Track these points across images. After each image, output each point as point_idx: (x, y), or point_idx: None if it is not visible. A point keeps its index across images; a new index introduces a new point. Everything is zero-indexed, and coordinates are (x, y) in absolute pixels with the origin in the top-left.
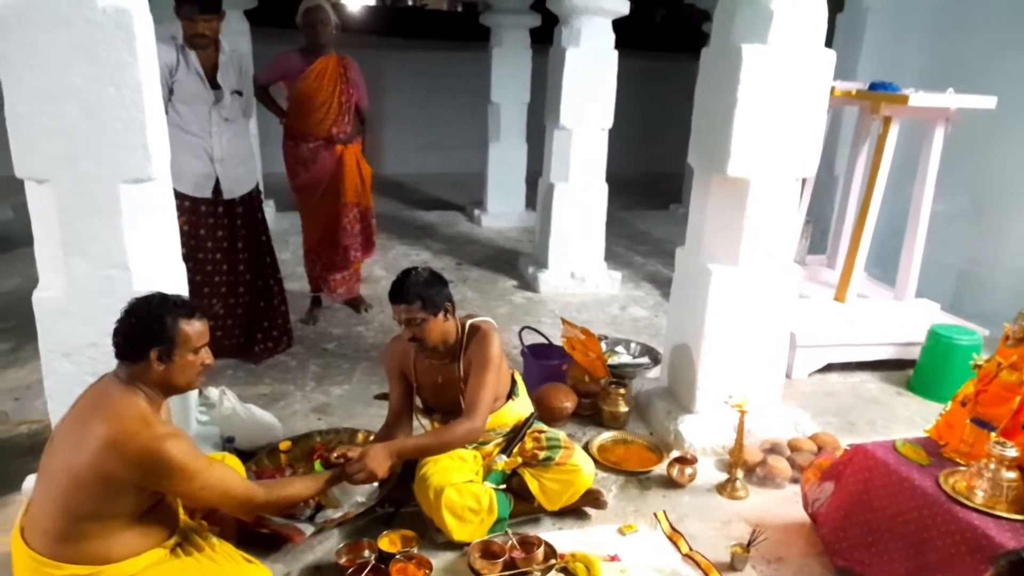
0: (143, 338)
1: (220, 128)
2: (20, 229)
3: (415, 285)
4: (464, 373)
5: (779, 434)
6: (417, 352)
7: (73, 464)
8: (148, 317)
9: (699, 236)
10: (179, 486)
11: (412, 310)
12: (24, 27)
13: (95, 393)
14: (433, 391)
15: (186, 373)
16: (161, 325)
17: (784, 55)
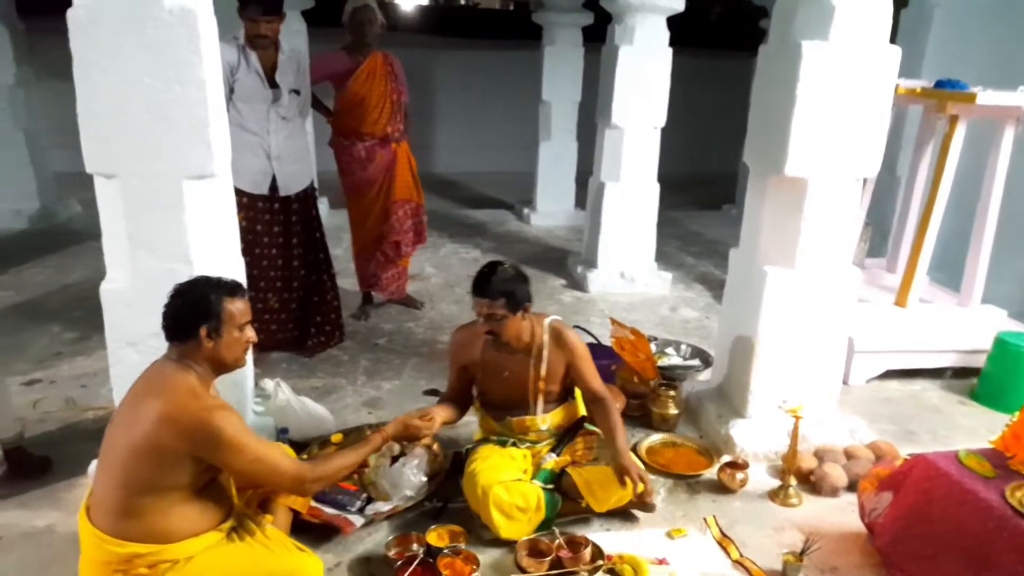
0: (192, 317)
1: (278, 126)
2: (87, 223)
3: (501, 281)
4: (547, 373)
5: (834, 441)
6: (486, 344)
7: (129, 439)
8: (195, 297)
9: (754, 237)
10: (229, 458)
11: (494, 306)
12: (96, 28)
13: (149, 374)
14: (499, 385)
15: (233, 349)
16: (208, 303)
17: (846, 52)
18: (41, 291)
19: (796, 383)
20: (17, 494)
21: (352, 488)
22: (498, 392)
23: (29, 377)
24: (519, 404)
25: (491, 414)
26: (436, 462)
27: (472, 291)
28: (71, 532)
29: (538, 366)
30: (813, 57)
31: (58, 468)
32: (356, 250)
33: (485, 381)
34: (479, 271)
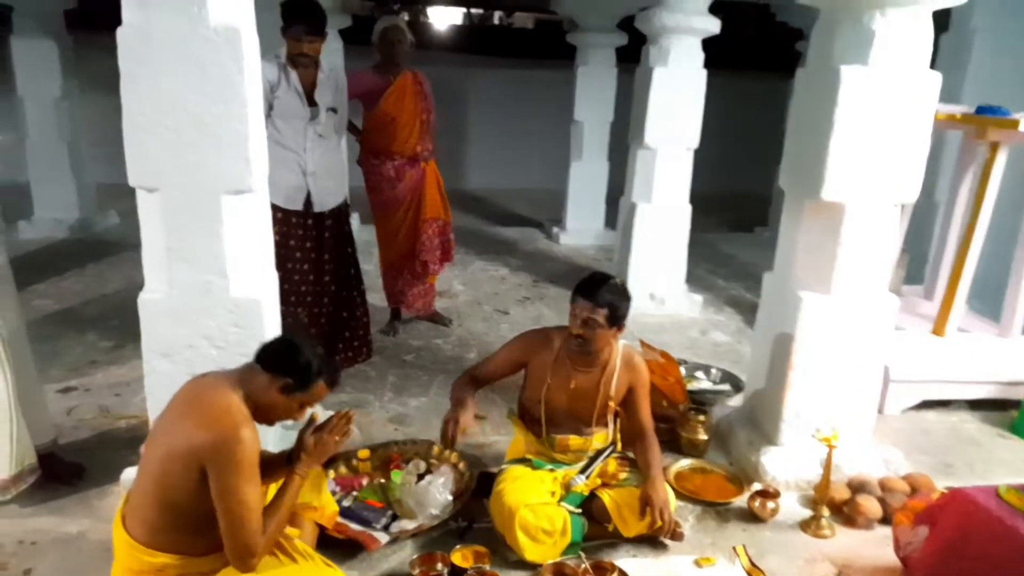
0: (290, 365)
1: (314, 143)
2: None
3: (610, 291)
4: (616, 392)
5: (869, 472)
6: (559, 355)
7: (166, 451)
8: (305, 356)
9: (789, 261)
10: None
11: (597, 312)
12: (143, 45)
13: (195, 389)
14: (562, 395)
15: (282, 414)
16: (308, 370)
17: (886, 77)
18: (78, 300)
19: (830, 411)
20: (51, 500)
21: (378, 505)
22: (560, 405)
23: (64, 384)
24: (577, 420)
25: (534, 429)
26: (462, 481)
27: (578, 293)
28: (103, 539)
29: (608, 385)
30: (852, 82)
31: (91, 475)
32: (384, 267)
33: (549, 389)
34: (589, 276)
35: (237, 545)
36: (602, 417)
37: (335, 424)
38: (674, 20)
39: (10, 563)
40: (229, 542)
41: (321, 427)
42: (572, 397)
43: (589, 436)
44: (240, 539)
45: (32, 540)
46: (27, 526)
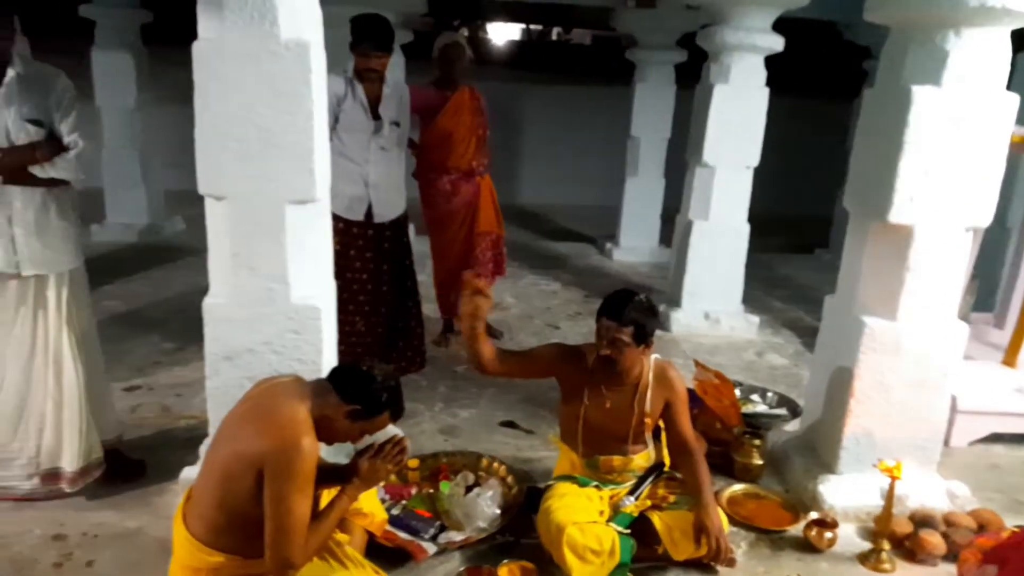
0: (364, 392)
1: (377, 156)
2: (190, 240)
3: (636, 310)
4: (651, 409)
5: (933, 505)
6: (592, 373)
7: (229, 455)
8: (379, 386)
9: (852, 285)
10: (278, 485)
11: (623, 332)
12: (217, 59)
13: (267, 395)
14: (598, 414)
15: (344, 436)
16: (380, 399)
17: (959, 98)
18: (145, 302)
19: (893, 441)
20: (113, 495)
21: (427, 515)
22: (597, 425)
23: (129, 383)
24: (615, 440)
25: (577, 451)
26: (510, 495)
27: (603, 313)
28: (160, 536)
29: (642, 402)
30: (924, 103)
31: (151, 472)
32: (437, 279)
33: (586, 412)
34: (614, 294)
35: (278, 555)
36: (640, 435)
37: (388, 452)
38: (737, 37)
39: (74, 554)
40: (271, 550)
41: (376, 453)
42: (608, 416)
43: (630, 455)
44: (282, 549)
45: (95, 533)
46: (91, 519)
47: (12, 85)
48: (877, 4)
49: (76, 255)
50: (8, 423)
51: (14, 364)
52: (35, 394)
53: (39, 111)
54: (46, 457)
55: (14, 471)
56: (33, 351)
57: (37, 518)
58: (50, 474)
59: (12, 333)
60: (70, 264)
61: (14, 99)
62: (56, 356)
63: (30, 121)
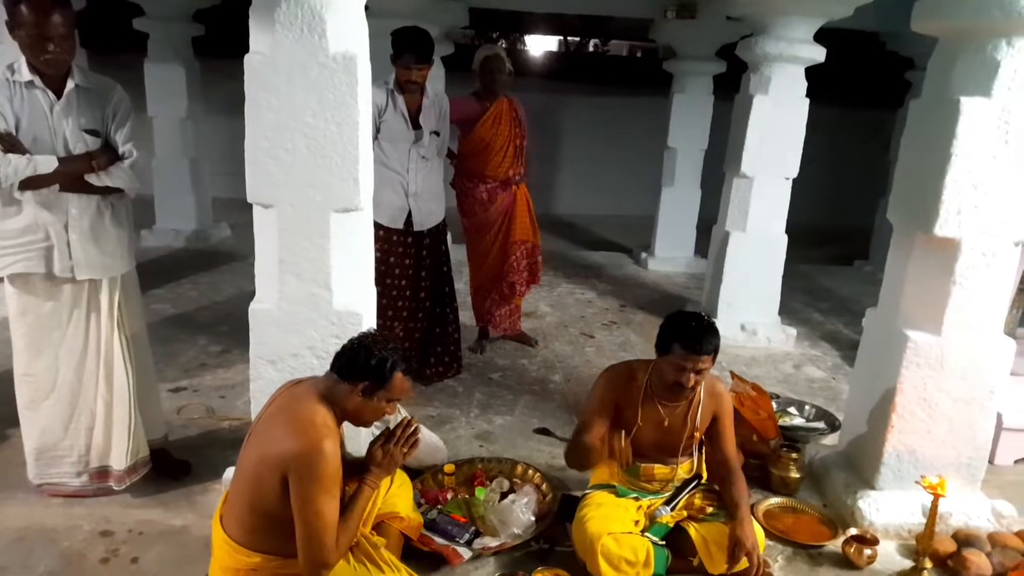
0: (363, 368)
1: (417, 165)
2: (236, 246)
3: (713, 334)
4: (701, 423)
5: (977, 524)
6: (646, 392)
7: (258, 458)
8: (376, 353)
9: (895, 298)
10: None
11: (707, 362)
12: (268, 71)
13: (288, 397)
14: (655, 432)
15: (372, 414)
16: (382, 366)
17: (1011, 109)
18: (193, 306)
19: (935, 458)
20: (159, 493)
21: (462, 520)
22: (650, 440)
23: (176, 384)
24: (664, 453)
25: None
26: (545, 503)
27: (687, 347)
28: (204, 535)
29: (694, 417)
30: (973, 114)
31: (196, 472)
32: (473, 287)
33: (640, 428)
34: (689, 324)
35: (311, 557)
36: (688, 448)
37: (399, 435)
38: (777, 48)
39: (120, 550)
40: (303, 553)
41: (387, 440)
42: (661, 431)
43: (675, 466)
44: (314, 551)
45: (140, 530)
46: (137, 516)
47: (71, 96)
48: (925, 13)
49: (129, 260)
50: (60, 422)
51: (67, 365)
52: (86, 394)
53: (96, 121)
54: (95, 455)
55: (64, 468)
56: (85, 352)
57: (86, 514)
58: (99, 472)
59: (66, 335)
60: (123, 269)
61: (72, 110)
62: (107, 357)
63: (87, 131)
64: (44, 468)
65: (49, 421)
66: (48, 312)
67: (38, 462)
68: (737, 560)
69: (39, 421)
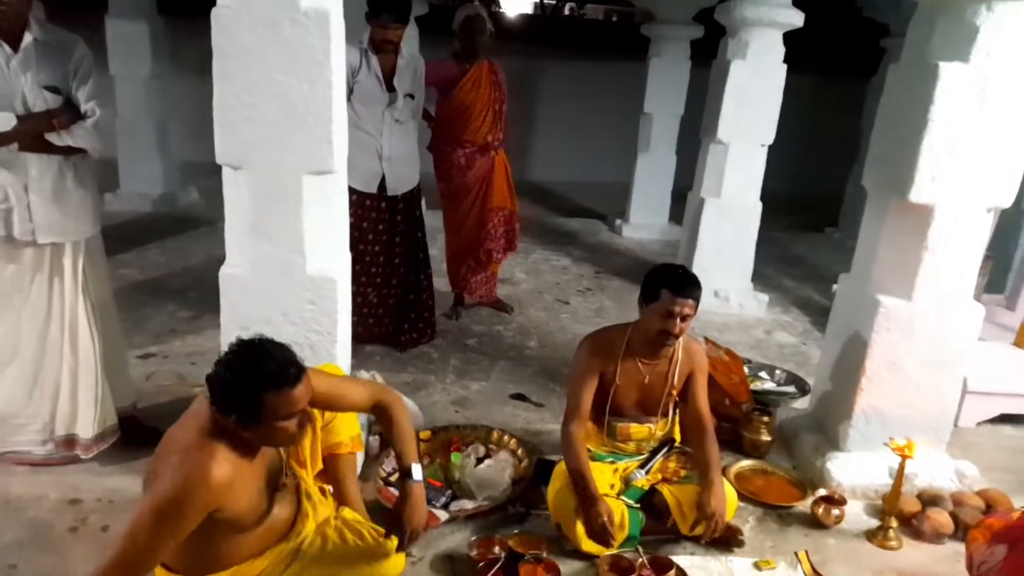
0: (225, 401)
1: (391, 128)
2: (206, 210)
3: (695, 283)
4: (678, 380)
5: (941, 484)
6: (626, 351)
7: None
8: (233, 381)
9: (868, 263)
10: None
11: (692, 306)
12: (237, 26)
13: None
14: (636, 390)
15: (272, 438)
16: (238, 396)
17: (987, 75)
18: (161, 271)
19: (902, 420)
20: (129, 461)
21: (438, 484)
22: (630, 399)
23: (145, 351)
24: (642, 411)
25: (596, 420)
26: (520, 467)
27: (675, 292)
28: None
29: (672, 374)
30: (951, 79)
31: None
32: (449, 253)
33: (620, 387)
34: (677, 271)
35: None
36: (666, 407)
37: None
38: (756, 13)
39: (89, 519)
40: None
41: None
42: (642, 391)
43: (652, 425)
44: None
45: (110, 499)
46: (106, 485)
47: (29, 51)
48: None
49: (93, 224)
50: (23, 389)
51: (29, 330)
52: (50, 361)
53: (56, 78)
54: (61, 423)
55: (28, 436)
56: (49, 318)
57: (53, 483)
58: (65, 440)
59: (28, 300)
60: (87, 232)
61: (31, 65)
62: (72, 324)
63: (47, 88)
64: (7, 436)
65: (11, 388)
66: (9, 276)
67: (1, 430)
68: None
69: (1, 388)
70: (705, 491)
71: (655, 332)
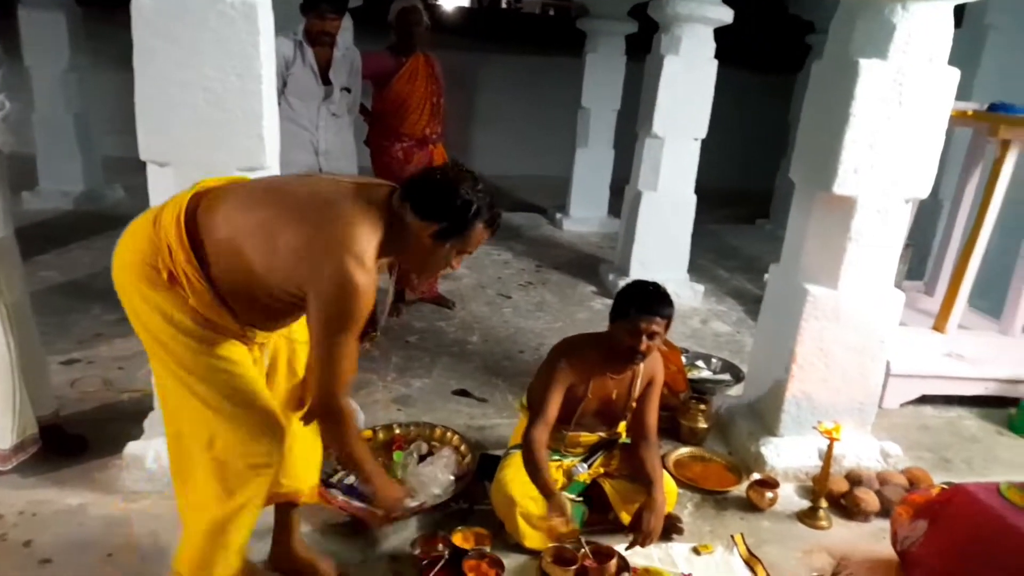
0: (445, 207)
1: (327, 122)
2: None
3: (668, 302)
4: (640, 391)
5: (867, 465)
6: (595, 363)
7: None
8: (465, 195)
9: (796, 254)
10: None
11: (663, 325)
12: (159, 17)
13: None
14: (599, 404)
15: (435, 263)
16: (467, 209)
17: (905, 71)
18: (85, 272)
19: (831, 404)
20: (52, 472)
21: None
22: (592, 411)
23: (68, 356)
24: (602, 422)
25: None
26: (463, 463)
27: (645, 310)
28: (104, 513)
29: (634, 386)
30: (870, 75)
31: (93, 448)
32: None
33: (587, 403)
34: (648, 289)
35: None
36: (624, 418)
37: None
38: (687, 8)
39: (10, 534)
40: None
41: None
42: (611, 404)
43: (603, 432)
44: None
45: (33, 511)
46: (28, 497)
47: None
48: None
49: (4, 224)
50: None
51: None
52: None
53: None
54: None
55: None
56: None
57: None
58: None
59: None
60: None
61: None
62: None
63: None
64: None
65: None
66: None
67: None
68: (634, 538)
69: None
70: (647, 509)
71: (623, 348)
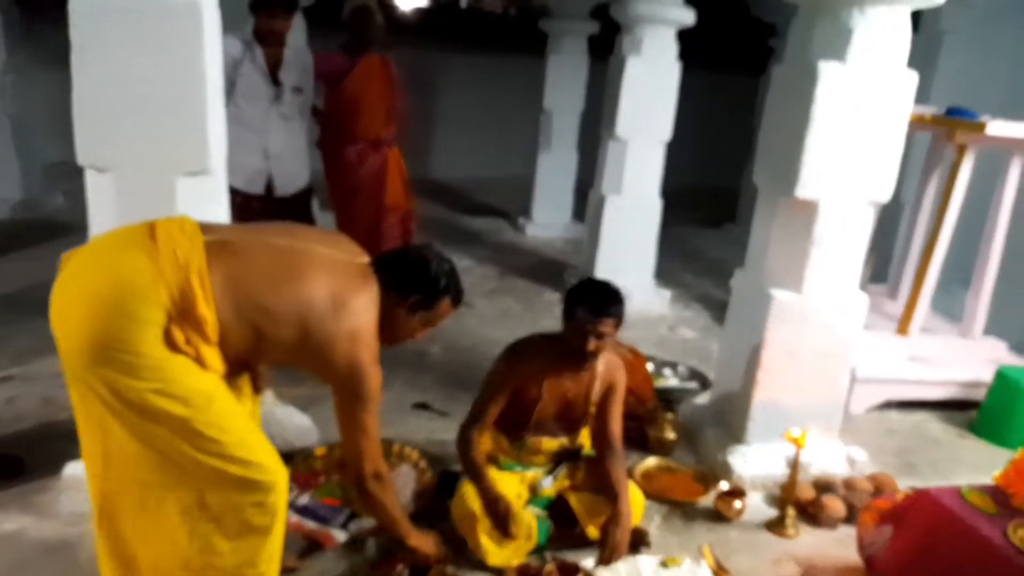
0: (420, 281)
1: (277, 125)
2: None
3: (617, 301)
4: (598, 395)
5: (834, 471)
6: (548, 364)
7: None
8: (435, 270)
9: (760, 258)
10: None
11: (610, 325)
12: (99, 18)
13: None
14: (557, 405)
15: (405, 332)
16: (437, 284)
17: (863, 75)
18: (23, 284)
19: (798, 410)
20: None
21: (335, 503)
22: (550, 414)
23: (5, 373)
24: (562, 427)
25: (509, 434)
26: (423, 479)
27: (593, 310)
28: (43, 537)
29: (592, 388)
30: (830, 79)
31: (30, 469)
32: None
33: (543, 405)
34: (596, 288)
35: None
36: (585, 422)
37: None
38: (649, 9)
39: None
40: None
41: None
42: (567, 405)
43: (565, 438)
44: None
45: None
46: None
47: None
48: None
49: None
50: None
51: None
52: None
53: None
54: None
55: None
56: None
57: None
58: None
59: None
60: None
61: None
62: None
63: None
64: None
65: None
66: None
67: None
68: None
69: None
70: (613, 522)
71: (574, 348)
